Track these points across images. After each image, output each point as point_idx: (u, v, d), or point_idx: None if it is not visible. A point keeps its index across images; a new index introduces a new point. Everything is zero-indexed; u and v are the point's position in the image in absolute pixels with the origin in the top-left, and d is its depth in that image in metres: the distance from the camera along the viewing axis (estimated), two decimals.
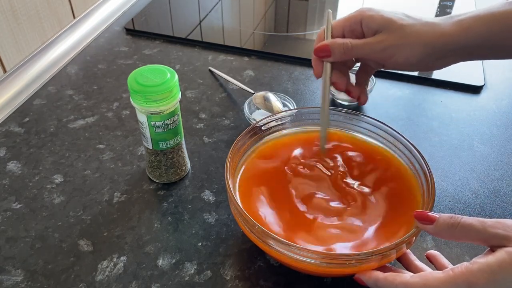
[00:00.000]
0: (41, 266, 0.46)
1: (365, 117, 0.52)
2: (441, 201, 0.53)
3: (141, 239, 0.49)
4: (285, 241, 0.39)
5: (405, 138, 0.48)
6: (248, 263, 0.47)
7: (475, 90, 0.70)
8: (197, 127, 0.63)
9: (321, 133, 0.51)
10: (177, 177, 0.55)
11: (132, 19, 0.87)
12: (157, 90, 0.46)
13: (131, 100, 0.48)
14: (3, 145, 0.60)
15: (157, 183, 0.55)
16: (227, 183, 0.44)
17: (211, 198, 0.53)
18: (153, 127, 0.49)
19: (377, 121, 0.51)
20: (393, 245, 0.38)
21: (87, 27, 0.83)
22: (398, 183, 0.47)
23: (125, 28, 0.85)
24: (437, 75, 0.72)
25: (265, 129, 0.52)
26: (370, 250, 0.38)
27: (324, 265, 0.39)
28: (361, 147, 0.51)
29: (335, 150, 0.51)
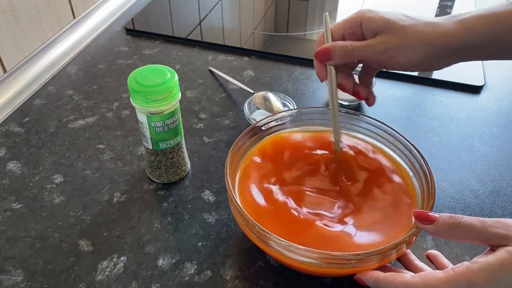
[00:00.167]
0: (41, 266, 0.46)
1: (365, 117, 0.52)
2: (441, 201, 0.53)
3: (141, 239, 0.49)
4: (285, 241, 0.39)
5: (405, 138, 0.48)
6: (248, 263, 0.46)
7: (475, 90, 0.70)
8: (197, 127, 0.63)
9: (334, 135, 0.50)
10: (177, 177, 0.55)
11: (132, 19, 0.87)
12: (157, 90, 0.46)
13: (131, 100, 0.48)
14: (3, 145, 0.60)
15: (157, 183, 0.55)
16: (227, 183, 0.44)
17: (211, 198, 0.53)
18: (153, 127, 0.49)
19: (377, 121, 0.51)
20: (393, 245, 0.38)
21: (87, 27, 0.83)
22: (398, 183, 0.47)
23: (125, 28, 0.85)
24: (437, 75, 0.72)
25: (265, 129, 0.52)
26: (370, 250, 0.38)
27: (324, 265, 0.39)
28: (360, 147, 0.51)
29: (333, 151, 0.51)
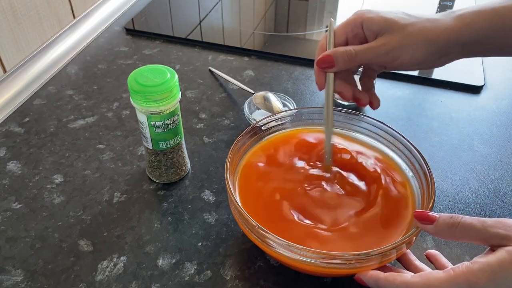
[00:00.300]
0: (41, 266, 0.46)
1: (365, 117, 0.52)
2: (441, 201, 0.53)
3: (141, 239, 0.49)
4: (285, 241, 0.39)
5: (405, 138, 0.48)
6: (248, 263, 0.46)
7: (475, 90, 0.70)
8: (197, 127, 0.63)
9: (325, 147, 0.49)
10: (177, 177, 0.55)
11: (132, 19, 0.87)
12: (157, 90, 0.46)
13: (131, 100, 0.48)
14: (3, 145, 0.60)
15: (157, 183, 0.55)
16: (227, 183, 0.44)
17: (211, 198, 0.53)
18: (153, 127, 0.49)
19: (377, 121, 0.51)
20: (393, 245, 0.38)
21: (87, 27, 0.83)
22: (398, 183, 0.47)
23: (125, 28, 0.85)
24: (437, 75, 0.72)
25: (265, 129, 0.52)
26: (370, 250, 0.38)
27: (324, 265, 0.39)
28: (360, 147, 0.51)
29: (333, 151, 0.51)
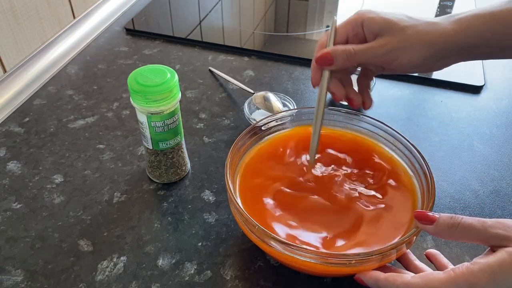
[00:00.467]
0: (41, 266, 0.46)
1: (365, 117, 0.52)
2: (441, 201, 0.53)
3: (141, 239, 0.49)
4: (285, 241, 0.39)
5: (405, 138, 0.48)
6: (248, 263, 0.47)
7: (475, 90, 0.70)
8: (197, 127, 0.63)
9: (311, 144, 0.49)
10: (177, 177, 0.55)
11: (132, 19, 0.87)
12: (157, 90, 0.46)
13: (131, 100, 0.48)
14: (3, 145, 0.60)
15: (157, 183, 0.55)
16: (227, 183, 0.44)
17: (211, 198, 0.53)
18: (153, 127, 0.49)
19: (377, 121, 0.51)
20: (393, 245, 0.38)
21: (87, 27, 0.83)
22: (398, 183, 0.47)
23: (125, 28, 0.85)
24: (437, 75, 0.72)
25: (265, 129, 0.52)
26: (370, 250, 0.38)
27: (324, 265, 0.39)
28: (360, 147, 0.51)
29: (334, 151, 0.51)
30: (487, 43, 0.45)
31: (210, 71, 0.74)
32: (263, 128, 0.52)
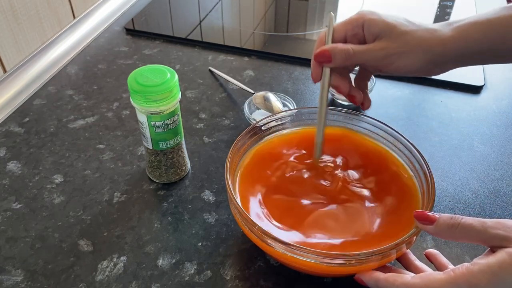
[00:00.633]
0: (41, 266, 0.46)
1: (365, 117, 0.52)
2: (441, 201, 0.53)
3: (141, 239, 0.49)
4: (285, 241, 0.39)
5: (405, 138, 0.48)
6: (248, 263, 0.47)
7: (475, 90, 0.70)
8: (197, 127, 0.63)
9: (316, 140, 0.49)
10: (177, 177, 0.55)
11: (132, 19, 0.87)
12: (157, 90, 0.46)
13: (131, 100, 0.48)
14: (3, 145, 0.60)
15: (157, 183, 0.55)
16: (227, 183, 0.44)
17: (211, 198, 0.53)
18: (153, 127, 0.49)
19: (377, 121, 0.51)
20: (393, 245, 0.38)
21: (87, 27, 0.83)
22: (398, 183, 0.47)
23: (125, 28, 0.85)
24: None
25: (265, 129, 0.52)
26: (370, 250, 0.38)
27: (324, 265, 0.39)
28: (361, 147, 0.51)
29: (334, 151, 0.51)
30: (485, 50, 0.45)
31: (210, 71, 0.74)
32: (263, 128, 0.52)
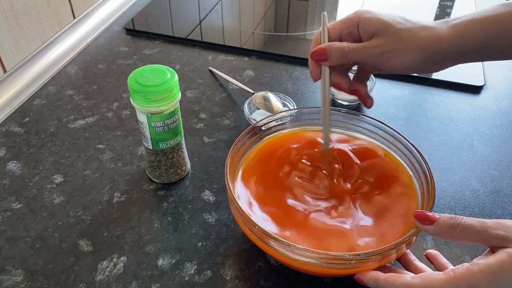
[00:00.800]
0: (41, 266, 0.46)
1: (365, 117, 0.52)
2: (441, 201, 0.53)
3: (141, 239, 0.49)
4: (285, 241, 0.39)
5: (405, 138, 0.48)
6: (248, 263, 0.47)
7: (475, 90, 0.70)
8: (197, 127, 0.63)
9: (323, 134, 0.50)
10: (177, 177, 0.55)
11: (132, 19, 0.87)
12: (157, 90, 0.46)
13: (131, 100, 0.48)
14: (3, 145, 0.60)
15: (157, 183, 0.55)
16: (227, 183, 0.44)
17: (211, 198, 0.53)
18: (153, 127, 0.49)
19: (377, 121, 0.51)
20: (393, 245, 0.38)
21: (87, 27, 0.83)
22: (397, 183, 0.47)
23: (125, 28, 0.85)
24: (437, 75, 0.72)
25: (265, 129, 0.52)
26: (370, 250, 0.38)
27: (324, 265, 0.39)
28: (361, 147, 0.51)
29: (335, 151, 0.51)
30: (483, 48, 0.45)
31: (210, 71, 0.74)
32: (263, 128, 0.52)
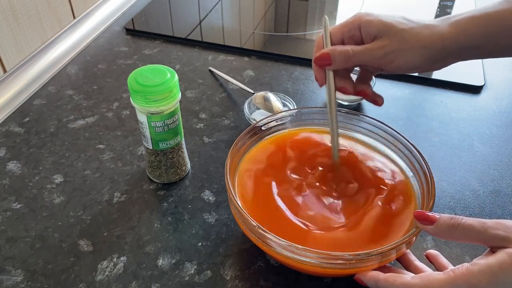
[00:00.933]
0: (41, 266, 0.46)
1: (365, 117, 0.52)
2: (441, 201, 0.53)
3: (141, 239, 0.49)
4: (285, 241, 0.39)
5: (405, 138, 0.48)
6: (248, 263, 0.47)
7: (475, 90, 0.70)
8: (197, 127, 0.63)
9: (332, 143, 0.49)
10: (177, 177, 0.55)
11: (132, 19, 0.87)
12: (157, 90, 0.46)
13: (131, 100, 0.48)
14: (3, 145, 0.60)
15: (157, 183, 0.55)
16: (227, 183, 0.44)
17: (211, 198, 0.53)
18: (153, 127, 0.49)
19: (377, 121, 0.51)
20: (393, 245, 0.38)
21: (87, 27, 0.83)
22: (397, 183, 0.47)
23: (125, 28, 0.85)
24: (437, 75, 0.72)
25: (265, 129, 0.52)
26: (370, 250, 0.38)
27: (324, 265, 0.39)
28: (360, 147, 0.51)
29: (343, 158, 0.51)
30: (484, 44, 0.45)
31: (210, 71, 0.74)
32: (263, 128, 0.52)
